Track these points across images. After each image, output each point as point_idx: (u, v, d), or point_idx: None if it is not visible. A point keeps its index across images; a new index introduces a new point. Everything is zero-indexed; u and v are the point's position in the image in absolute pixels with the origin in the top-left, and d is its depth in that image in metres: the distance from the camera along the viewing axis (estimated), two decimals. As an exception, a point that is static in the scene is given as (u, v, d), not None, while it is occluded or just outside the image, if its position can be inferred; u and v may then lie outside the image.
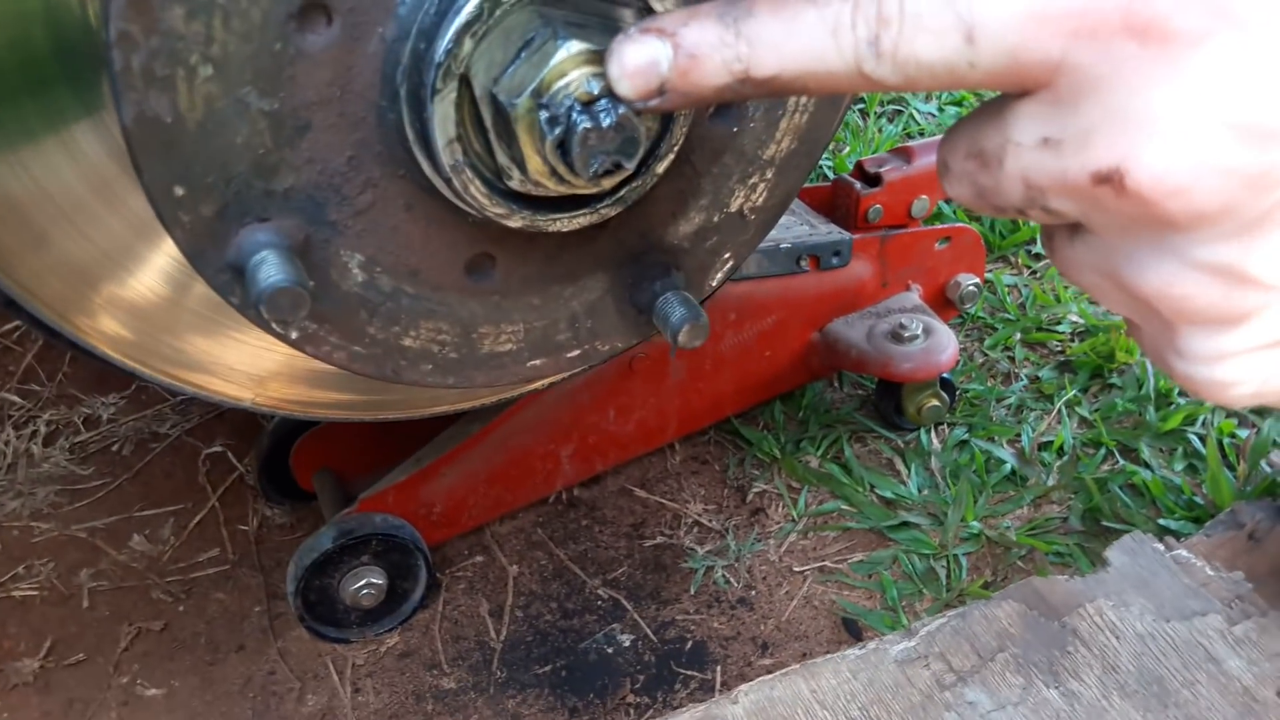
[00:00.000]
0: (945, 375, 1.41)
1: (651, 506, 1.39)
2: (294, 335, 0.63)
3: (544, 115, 0.53)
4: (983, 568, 1.28)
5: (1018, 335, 1.59)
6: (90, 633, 1.25)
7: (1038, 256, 1.75)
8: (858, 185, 1.43)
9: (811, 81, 0.43)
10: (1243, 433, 1.38)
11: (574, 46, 0.52)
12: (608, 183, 0.56)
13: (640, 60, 0.46)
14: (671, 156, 0.61)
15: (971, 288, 1.48)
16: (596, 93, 0.52)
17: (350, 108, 0.57)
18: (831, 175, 1.80)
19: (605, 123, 0.52)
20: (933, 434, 1.44)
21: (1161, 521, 1.28)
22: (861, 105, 2.16)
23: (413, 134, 0.56)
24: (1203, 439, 1.38)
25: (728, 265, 0.75)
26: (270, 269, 0.55)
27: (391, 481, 1.23)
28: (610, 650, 1.22)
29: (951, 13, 0.39)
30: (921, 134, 2.06)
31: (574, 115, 0.52)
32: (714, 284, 0.75)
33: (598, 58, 0.52)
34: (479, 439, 1.24)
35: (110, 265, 0.79)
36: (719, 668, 1.19)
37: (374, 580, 1.20)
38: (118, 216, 0.78)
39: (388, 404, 0.98)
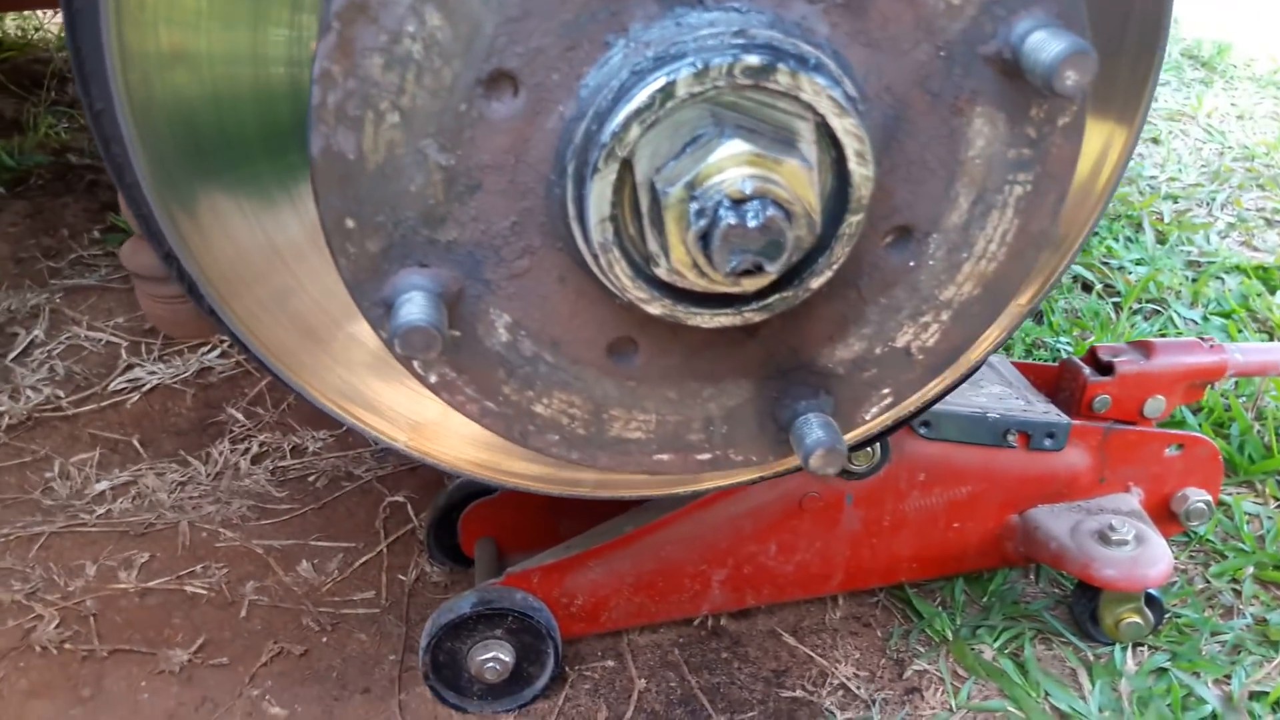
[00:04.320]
0: (1153, 592, 1.27)
1: (799, 656, 1.31)
2: (432, 379, 0.65)
3: (694, 206, 0.53)
4: (1157, 818, 1.12)
5: (1250, 569, 1.41)
6: (239, 641, 1.31)
7: (1293, 490, 1.56)
8: (1086, 370, 1.34)
9: None
10: None
11: (736, 146, 0.52)
12: (749, 284, 0.55)
13: None
14: (829, 274, 0.59)
15: (1200, 504, 1.34)
16: (749, 192, 0.52)
17: (521, 176, 0.59)
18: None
19: (751, 222, 0.51)
20: (1129, 653, 1.29)
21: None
22: (1117, 299, 2.03)
23: (573, 209, 0.58)
24: None
25: (885, 401, 0.71)
26: (412, 308, 0.57)
27: (539, 562, 1.23)
28: (718, 794, 1.14)
29: None
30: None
31: (721, 210, 0.52)
32: (867, 418, 0.71)
33: (760, 161, 0.52)
34: (630, 540, 1.22)
35: (321, 315, 0.84)
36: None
37: (501, 656, 1.20)
38: (333, 272, 0.84)
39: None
